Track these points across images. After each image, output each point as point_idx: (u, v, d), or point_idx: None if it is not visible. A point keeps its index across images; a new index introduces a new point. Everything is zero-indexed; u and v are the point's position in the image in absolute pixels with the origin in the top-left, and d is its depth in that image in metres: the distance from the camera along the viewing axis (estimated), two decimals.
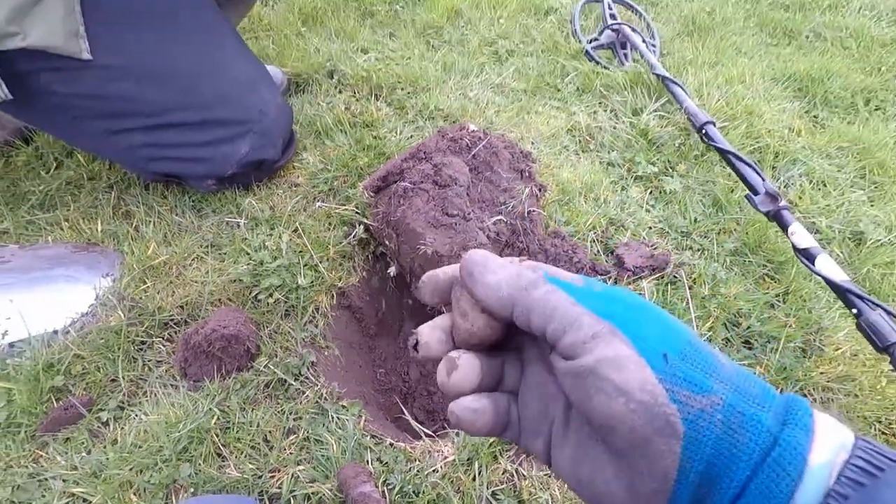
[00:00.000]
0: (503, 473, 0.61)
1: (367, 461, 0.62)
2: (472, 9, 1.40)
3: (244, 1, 1.04)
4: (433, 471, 0.61)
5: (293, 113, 0.96)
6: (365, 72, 1.15)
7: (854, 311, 0.68)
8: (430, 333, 0.28)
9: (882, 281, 0.88)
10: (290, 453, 0.63)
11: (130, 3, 0.72)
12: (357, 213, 0.86)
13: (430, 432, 0.68)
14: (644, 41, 1.27)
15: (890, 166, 1.10)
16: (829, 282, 0.72)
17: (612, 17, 1.35)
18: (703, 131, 0.98)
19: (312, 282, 0.78)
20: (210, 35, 0.79)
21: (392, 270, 0.83)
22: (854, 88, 1.31)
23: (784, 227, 0.80)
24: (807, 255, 0.76)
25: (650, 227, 0.92)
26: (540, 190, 0.85)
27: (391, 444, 0.63)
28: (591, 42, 1.30)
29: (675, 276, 0.84)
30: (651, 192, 0.98)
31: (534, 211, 0.80)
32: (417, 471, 0.61)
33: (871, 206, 1.02)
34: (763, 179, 0.85)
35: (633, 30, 1.28)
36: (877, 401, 0.74)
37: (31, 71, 0.67)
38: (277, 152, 0.88)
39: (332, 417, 0.66)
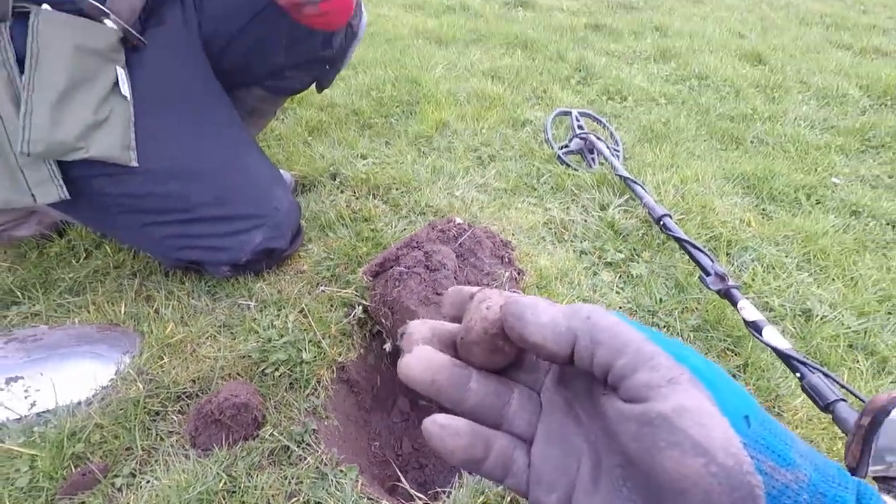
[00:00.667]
0: None
1: None
2: (458, 121, 1.60)
3: (262, 117, 1.21)
4: None
5: (301, 209, 1.09)
6: (364, 174, 1.31)
7: (798, 374, 0.77)
8: (418, 326, 0.27)
9: (830, 352, 0.98)
10: None
11: (170, 120, 0.86)
12: (356, 295, 0.96)
13: (423, 497, 0.73)
14: (608, 147, 1.45)
15: (831, 252, 1.23)
16: (774, 349, 0.81)
17: (580, 127, 1.55)
18: (662, 223, 1.12)
19: (315, 357, 0.86)
20: (236, 143, 0.94)
21: (387, 346, 0.91)
22: (796, 185, 1.48)
23: (734, 303, 0.91)
24: (755, 328, 0.86)
25: (620, 307, 1.02)
26: (519, 274, 0.96)
27: None
28: (562, 148, 1.48)
29: None
30: (620, 276, 1.10)
31: (514, 291, 0.91)
32: None
33: (817, 286, 1.14)
34: (713, 262, 0.97)
35: (598, 138, 1.47)
36: (834, 460, 0.80)
37: (85, 175, 0.79)
38: (287, 242, 1.00)
39: (332, 481, 0.71)
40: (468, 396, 0.25)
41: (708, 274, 0.96)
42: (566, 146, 1.49)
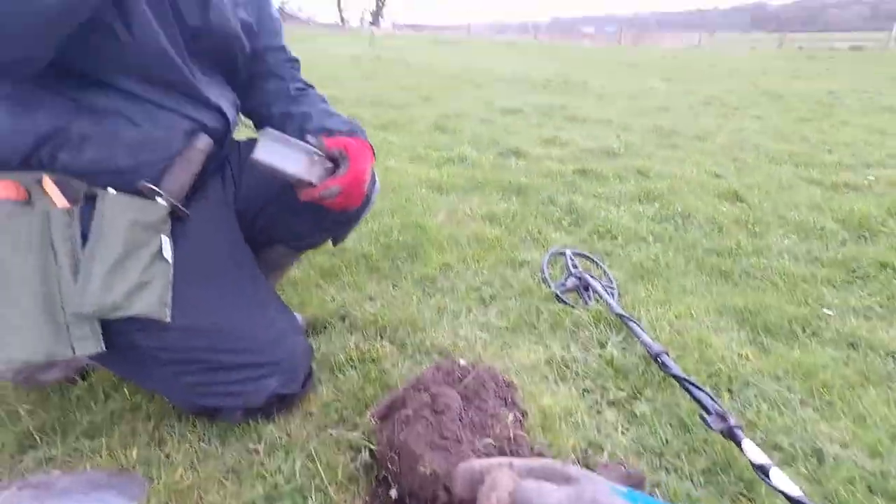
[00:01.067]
0: None
1: None
2: (459, 263, 1.71)
3: (283, 270, 1.32)
4: None
5: (313, 351, 1.14)
6: (372, 315, 1.38)
7: None
8: None
9: (848, 497, 0.96)
10: None
11: (202, 279, 0.95)
12: (363, 438, 0.97)
13: None
14: (602, 285, 1.53)
15: (834, 386, 1.25)
16: (786, 496, 0.81)
17: (574, 266, 1.65)
18: (659, 360, 1.16)
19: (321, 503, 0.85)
20: (259, 297, 1.02)
21: (393, 493, 0.90)
22: (789, 317, 1.53)
23: (738, 443, 0.92)
24: (762, 471, 0.86)
25: (626, 448, 1.02)
26: (523, 415, 0.98)
27: None
28: (558, 287, 1.57)
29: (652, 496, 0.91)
30: (623, 415, 1.11)
31: (519, 434, 0.92)
32: None
33: (825, 423, 1.14)
34: (713, 400, 0.99)
35: (593, 276, 1.57)
36: None
37: (121, 329, 0.86)
38: (299, 387, 1.03)
39: None
40: None
41: (709, 413, 0.98)
42: (563, 284, 1.58)
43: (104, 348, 0.81)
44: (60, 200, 0.82)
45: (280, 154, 0.91)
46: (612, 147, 3.46)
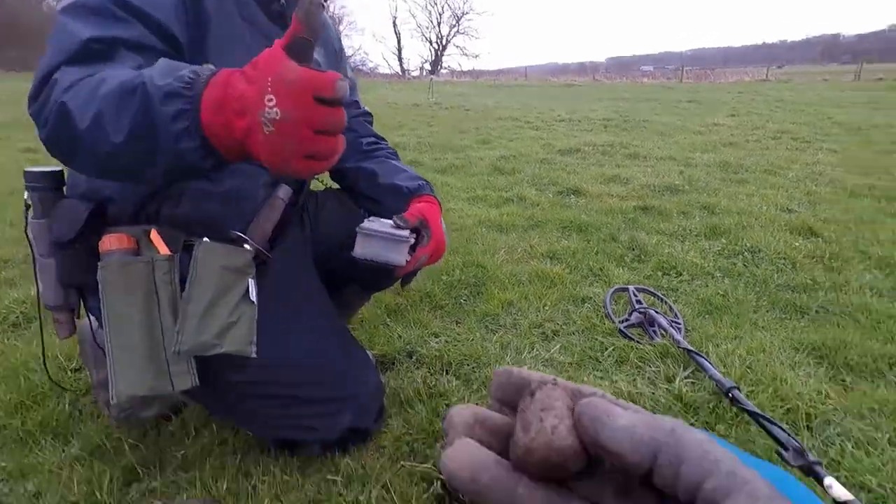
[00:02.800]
0: None
1: None
2: (522, 300, 1.75)
3: (354, 309, 1.41)
4: None
5: (384, 387, 1.20)
6: (437, 352, 1.43)
7: None
8: (460, 413, 0.25)
9: None
10: None
11: (283, 318, 1.04)
12: (434, 469, 1.02)
13: None
14: (669, 321, 1.52)
15: None
16: None
17: (639, 301, 1.64)
18: (731, 395, 1.14)
19: None
20: (332, 334, 1.10)
21: None
22: (874, 355, 1.45)
23: (819, 480, 0.88)
24: None
25: None
26: None
27: None
28: (622, 322, 1.57)
29: None
30: None
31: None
32: None
33: None
34: (789, 436, 0.97)
35: (658, 312, 1.56)
36: None
37: (212, 366, 0.96)
38: (372, 422, 1.09)
39: None
40: (516, 502, 0.22)
41: (786, 449, 0.95)
42: (627, 320, 1.58)
43: (198, 383, 0.91)
44: (163, 249, 0.94)
45: (377, 247, 1.01)
46: (675, 183, 3.42)
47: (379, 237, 1.00)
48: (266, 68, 0.57)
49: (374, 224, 1.02)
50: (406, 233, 1.01)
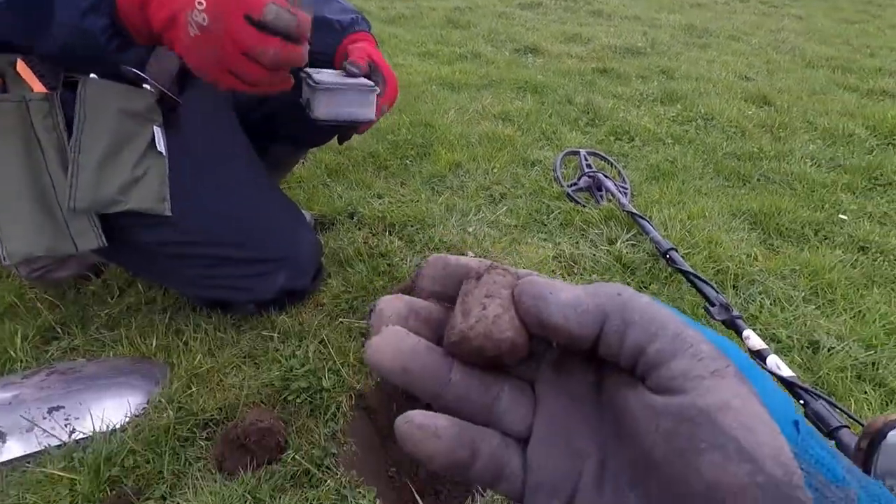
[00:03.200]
0: None
1: None
2: (470, 162, 1.68)
3: (286, 168, 1.30)
4: None
5: (322, 248, 1.15)
6: (380, 213, 1.38)
7: (801, 402, 0.79)
8: (391, 303, 0.23)
9: (838, 383, 0.99)
10: None
11: (200, 173, 0.94)
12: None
13: None
14: (616, 185, 1.51)
15: (838, 286, 1.25)
16: (779, 377, 0.83)
17: (588, 166, 1.61)
18: (668, 256, 1.16)
19: (335, 385, 0.90)
20: (261, 192, 1.01)
21: None
22: (803, 221, 1.51)
23: (739, 333, 0.94)
24: (760, 357, 0.89)
25: None
26: None
27: None
28: (571, 186, 1.54)
29: None
30: None
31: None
32: None
33: (825, 319, 1.16)
34: (717, 293, 1.00)
35: (606, 176, 1.53)
36: None
37: (122, 225, 0.86)
38: (308, 282, 1.05)
39: (351, 502, 0.74)
40: (449, 389, 0.21)
41: (713, 305, 0.99)
42: (575, 184, 1.55)
43: (105, 243, 0.82)
44: (37, 85, 0.77)
45: (342, 104, 0.84)
46: (637, 45, 3.25)
47: (343, 92, 0.84)
48: None
49: (325, 76, 0.85)
50: (369, 82, 0.88)
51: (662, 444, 0.17)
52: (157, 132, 0.86)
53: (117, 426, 0.83)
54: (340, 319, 1.04)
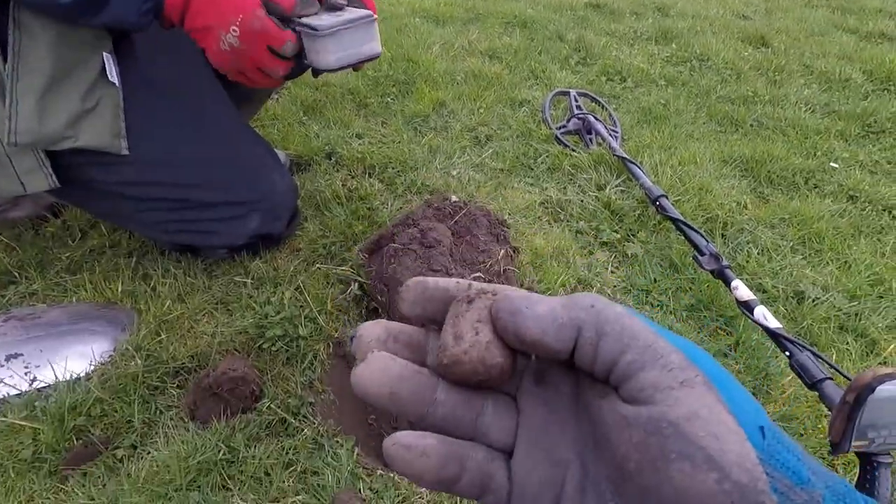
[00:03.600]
0: None
1: (360, 489, 0.68)
2: (455, 101, 1.59)
3: (257, 103, 1.20)
4: (419, 497, 0.67)
5: (298, 190, 1.09)
6: (359, 153, 1.31)
7: (787, 353, 0.78)
8: (370, 328, 0.23)
9: (821, 333, 0.99)
10: (289, 484, 0.69)
11: (160, 106, 0.85)
12: (352, 272, 0.97)
13: None
14: (606, 128, 1.45)
15: (826, 236, 1.24)
16: (765, 328, 0.82)
17: (578, 107, 1.54)
18: (658, 203, 1.12)
19: (311, 332, 0.87)
20: (228, 128, 0.93)
21: None
22: (794, 169, 1.48)
23: (727, 283, 0.92)
24: (747, 307, 0.87)
25: (614, 286, 1.03)
26: (514, 252, 0.97)
27: (381, 475, 0.70)
28: (559, 129, 1.48)
29: None
30: (615, 256, 1.10)
31: (509, 269, 0.92)
32: (404, 497, 0.67)
33: (811, 269, 1.15)
34: (707, 242, 0.98)
35: (597, 118, 1.47)
36: (819, 438, 0.82)
37: (75, 163, 0.79)
38: (284, 226, 1.00)
39: (328, 451, 0.72)
40: (436, 409, 0.22)
41: (702, 254, 0.97)
42: (564, 126, 1.49)
43: (57, 184, 0.75)
44: None
45: (350, 45, 0.75)
46: None
47: (348, 31, 0.75)
48: (244, 4, 0.70)
49: (321, 19, 0.75)
50: (367, 11, 0.78)
51: (635, 455, 0.18)
52: (108, 59, 0.77)
53: (81, 374, 0.79)
54: (318, 265, 0.99)
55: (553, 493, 0.21)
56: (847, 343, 0.98)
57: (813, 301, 1.05)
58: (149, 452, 0.72)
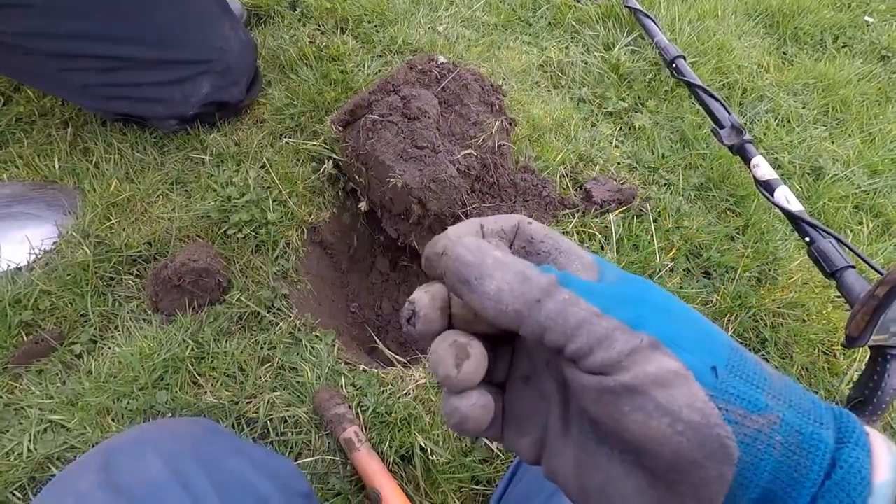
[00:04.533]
0: None
1: (342, 386, 0.64)
2: None
3: None
4: (405, 394, 0.63)
5: (256, 48, 0.92)
6: (329, 4, 1.11)
7: (807, 239, 0.71)
8: (430, 305, 0.23)
9: (836, 214, 0.92)
10: (266, 381, 0.64)
11: None
12: (325, 148, 0.85)
13: (402, 360, 0.70)
14: None
15: (852, 103, 1.12)
16: (785, 211, 0.75)
17: None
18: (674, 65, 0.98)
19: (282, 217, 0.78)
20: None
21: (363, 206, 0.83)
22: (824, 25, 1.31)
23: (747, 160, 0.82)
24: (767, 187, 0.79)
25: (619, 163, 0.93)
26: (510, 124, 0.85)
27: (364, 370, 0.66)
28: None
29: (641, 210, 0.86)
30: (620, 128, 0.99)
31: (504, 145, 0.81)
32: (390, 394, 0.63)
33: (832, 142, 1.05)
34: (729, 114, 0.86)
35: None
36: (822, 325, 0.79)
37: None
38: (241, 92, 0.85)
39: (306, 346, 0.67)
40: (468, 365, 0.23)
41: (722, 126, 0.85)
42: None
43: None
44: None
45: None
46: None
47: None
48: None
49: None
50: None
51: (595, 409, 0.20)
52: None
53: (21, 264, 0.70)
54: (285, 139, 0.87)
55: (539, 422, 0.24)
56: (862, 223, 0.91)
57: (832, 177, 0.96)
58: (109, 348, 0.66)
